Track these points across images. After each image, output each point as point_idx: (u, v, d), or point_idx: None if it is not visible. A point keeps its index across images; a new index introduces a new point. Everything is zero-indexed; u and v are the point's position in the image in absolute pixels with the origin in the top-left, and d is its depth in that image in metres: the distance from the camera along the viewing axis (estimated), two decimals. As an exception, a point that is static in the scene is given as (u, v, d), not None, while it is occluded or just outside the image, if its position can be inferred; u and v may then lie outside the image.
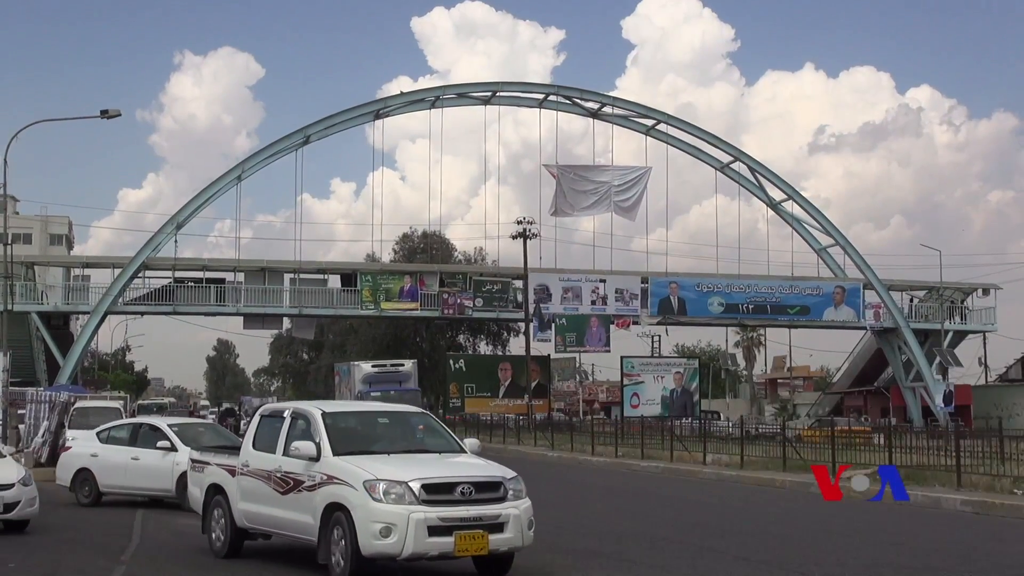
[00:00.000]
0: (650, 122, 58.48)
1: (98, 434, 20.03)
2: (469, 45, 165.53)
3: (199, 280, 52.95)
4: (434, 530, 10.13)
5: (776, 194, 58.76)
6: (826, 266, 59.51)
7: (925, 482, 21.47)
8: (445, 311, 55.68)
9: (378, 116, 56.26)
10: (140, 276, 52.44)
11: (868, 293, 58.90)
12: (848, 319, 59.14)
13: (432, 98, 57.20)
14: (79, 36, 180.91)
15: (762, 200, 59.44)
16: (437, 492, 10.31)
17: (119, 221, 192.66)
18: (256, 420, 12.84)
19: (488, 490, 10.60)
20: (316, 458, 11.03)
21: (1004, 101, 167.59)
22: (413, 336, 74.07)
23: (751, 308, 58.40)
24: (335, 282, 54.86)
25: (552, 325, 55.50)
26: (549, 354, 59.99)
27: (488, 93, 57.64)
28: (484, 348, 76.06)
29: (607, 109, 58.32)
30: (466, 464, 11.25)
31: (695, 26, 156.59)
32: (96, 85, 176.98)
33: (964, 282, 63.72)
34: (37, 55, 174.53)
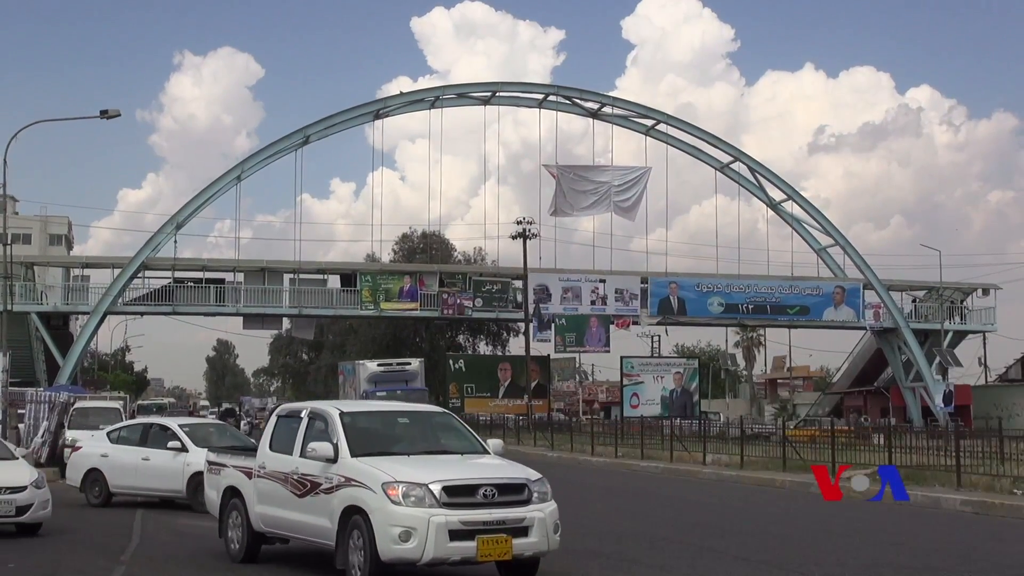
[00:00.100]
0: (650, 122, 58.45)
1: (108, 434, 19.91)
2: (469, 45, 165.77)
3: (199, 280, 52.92)
4: (455, 534, 9.79)
5: (776, 194, 58.74)
6: (826, 266, 59.48)
7: (925, 482, 21.46)
8: (445, 311, 55.65)
9: (378, 116, 56.23)
10: (140, 276, 52.42)
11: (868, 293, 58.86)
12: (848, 319, 59.11)
13: (432, 98, 57.18)
14: (79, 36, 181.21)
15: (762, 200, 59.41)
16: (458, 495, 9.96)
17: (119, 221, 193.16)
18: (273, 421, 12.48)
19: (512, 492, 10.23)
20: (333, 459, 10.68)
21: (1004, 101, 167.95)
22: (413, 336, 74.05)
23: (751, 308, 58.37)
24: (335, 282, 54.83)
25: (552, 325, 55.46)
26: (549, 354, 59.99)
27: (488, 93, 57.61)
28: (484, 348, 76.07)
29: (607, 109, 58.28)
30: (489, 465, 10.87)
31: (695, 26, 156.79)
32: (96, 85, 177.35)
33: (964, 282, 63.69)
34: (37, 55, 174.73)
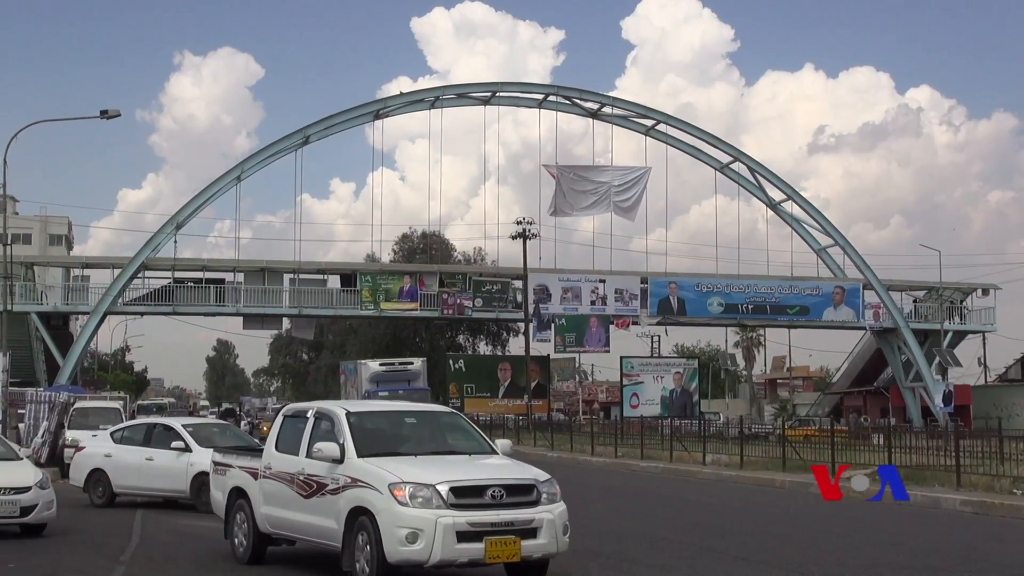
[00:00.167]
0: (650, 122, 58.46)
1: (112, 434, 19.86)
2: (469, 45, 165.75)
3: (199, 280, 52.93)
4: (463, 536, 9.68)
5: (776, 194, 58.75)
6: (825, 266, 59.50)
7: (925, 482, 21.46)
8: (445, 311, 55.65)
9: (378, 116, 56.24)
10: (140, 276, 52.43)
11: (868, 293, 58.88)
12: (848, 319, 59.12)
13: (432, 98, 57.19)
14: (79, 36, 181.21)
15: (762, 200, 59.42)
16: (466, 495, 9.85)
17: (119, 221, 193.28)
18: (279, 421, 12.34)
19: (520, 493, 10.13)
20: (340, 460, 10.55)
21: (1004, 101, 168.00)
22: (413, 336, 74.08)
23: (751, 308, 58.38)
24: (335, 282, 54.84)
25: (552, 325, 55.47)
26: (549, 354, 60.00)
27: (488, 93, 57.62)
28: (484, 348, 76.13)
29: (607, 109, 58.30)
30: (497, 466, 10.73)
31: (695, 26, 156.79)
32: (96, 85, 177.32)
33: (964, 282, 63.70)
34: (37, 55, 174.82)
